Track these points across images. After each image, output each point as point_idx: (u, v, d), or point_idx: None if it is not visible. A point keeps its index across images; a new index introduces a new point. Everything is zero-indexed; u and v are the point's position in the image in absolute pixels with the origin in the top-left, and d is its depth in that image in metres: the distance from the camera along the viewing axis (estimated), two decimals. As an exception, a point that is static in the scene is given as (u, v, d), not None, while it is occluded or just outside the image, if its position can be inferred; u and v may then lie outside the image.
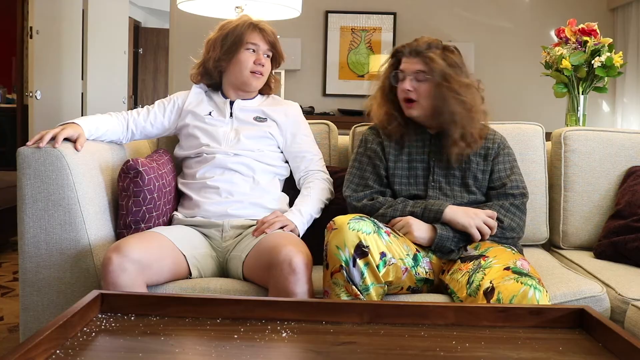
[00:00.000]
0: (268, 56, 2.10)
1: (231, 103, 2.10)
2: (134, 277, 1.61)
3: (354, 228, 1.59)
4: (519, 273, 1.56)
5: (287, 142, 2.10)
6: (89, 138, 1.91)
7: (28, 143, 1.78)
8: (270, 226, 1.81)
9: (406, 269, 1.68)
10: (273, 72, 2.22)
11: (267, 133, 2.06)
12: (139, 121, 2.07)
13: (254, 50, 2.06)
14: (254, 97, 2.15)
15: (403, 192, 1.91)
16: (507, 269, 1.58)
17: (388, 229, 1.71)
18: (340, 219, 1.63)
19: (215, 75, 2.12)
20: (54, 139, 1.78)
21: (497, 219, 1.80)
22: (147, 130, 2.10)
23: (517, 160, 2.00)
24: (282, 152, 2.11)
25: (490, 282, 1.56)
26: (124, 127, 2.05)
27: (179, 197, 2.06)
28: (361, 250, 1.58)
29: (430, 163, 1.92)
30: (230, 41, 2.05)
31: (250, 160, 2.00)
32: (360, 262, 1.58)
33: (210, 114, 2.08)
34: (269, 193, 1.99)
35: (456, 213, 1.77)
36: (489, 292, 1.54)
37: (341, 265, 1.59)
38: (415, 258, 1.73)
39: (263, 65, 2.07)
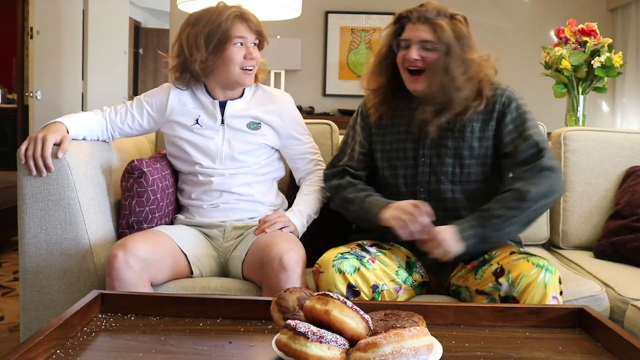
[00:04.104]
0: (255, 45, 1.94)
1: (221, 104, 1.95)
2: (139, 274, 1.61)
3: (338, 269, 1.56)
4: (526, 253, 1.55)
5: (285, 145, 2.01)
6: (74, 137, 1.84)
7: (20, 151, 1.74)
8: (272, 226, 1.81)
9: (400, 287, 1.65)
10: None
11: (262, 145, 1.95)
12: (116, 123, 1.97)
13: (242, 44, 1.90)
14: (242, 95, 1.99)
15: (391, 178, 1.79)
16: (513, 253, 1.58)
17: (372, 251, 1.66)
18: (324, 261, 1.59)
19: (202, 78, 1.93)
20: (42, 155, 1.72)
21: (502, 218, 1.60)
22: (126, 132, 2.00)
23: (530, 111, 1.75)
24: (277, 150, 2.03)
25: (498, 264, 1.56)
26: (104, 127, 1.96)
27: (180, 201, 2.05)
28: (352, 290, 1.56)
29: (421, 133, 1.75)
30: (216, 39, 1.86)
31: (248, 177, 1.94)
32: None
33: (197, 122, 1.93)
34: (269, 205, 1.97)
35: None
36: (498, 273, 1.54)
37: None
38: (408, 265, 1.71)
39: (253, 58, 1.91)
